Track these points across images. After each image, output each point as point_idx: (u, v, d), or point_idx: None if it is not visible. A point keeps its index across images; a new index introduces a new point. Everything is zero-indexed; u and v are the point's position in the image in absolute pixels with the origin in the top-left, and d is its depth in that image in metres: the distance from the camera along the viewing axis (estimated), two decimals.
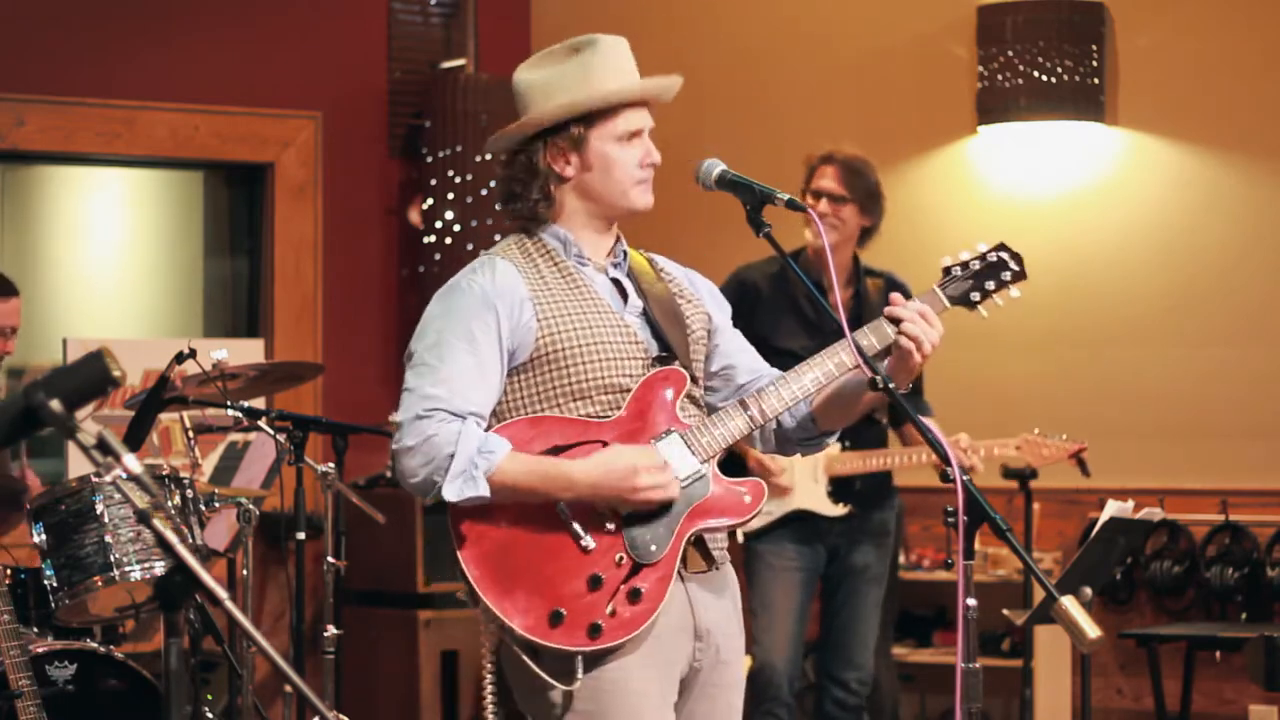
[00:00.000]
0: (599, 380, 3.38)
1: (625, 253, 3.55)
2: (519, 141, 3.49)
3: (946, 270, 3.53)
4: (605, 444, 3.36)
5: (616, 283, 3.51)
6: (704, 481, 3.40)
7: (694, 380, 3.48)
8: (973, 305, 3.53)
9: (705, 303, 3.61)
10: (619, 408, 3.39)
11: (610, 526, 3.35)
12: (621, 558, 3.33)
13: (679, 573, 3.38)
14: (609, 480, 3.30)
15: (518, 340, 3.38)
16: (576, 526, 3.33)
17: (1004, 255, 3.54)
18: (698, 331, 3.54)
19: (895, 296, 3.46)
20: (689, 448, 3.40)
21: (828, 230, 5.70)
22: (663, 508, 3.36)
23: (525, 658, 3.33)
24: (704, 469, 3.41)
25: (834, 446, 5.62)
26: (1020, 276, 3.55)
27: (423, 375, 3.36)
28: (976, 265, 3.53)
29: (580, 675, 3.31)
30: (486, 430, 3.37)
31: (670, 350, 3.46)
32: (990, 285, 3.53)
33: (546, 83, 3.46)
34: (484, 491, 3.27)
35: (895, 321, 3.40)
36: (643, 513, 3.35)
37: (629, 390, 3.40)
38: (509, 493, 3.30)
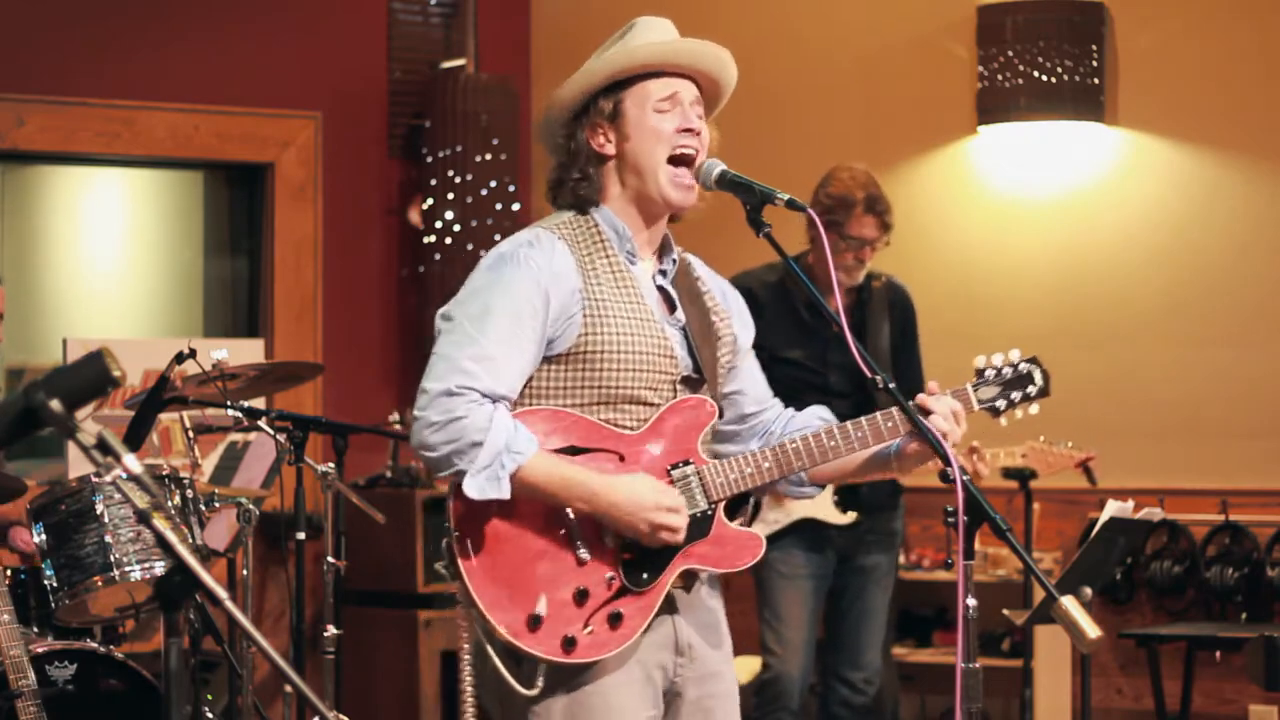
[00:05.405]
0: (628, 390, 3.33)
1: (675, 261, 3.48)
2: (561, 127, 3.43)
3: (979, 372, 3.50)
4: (621, 456, 3.33)
5: (663, 291, 3.45)
6: (706, 522, 3.36)
7: (720, 414, 3.45)
8: (997, 413, 3.51)
9: (734, 322, 3.55)
10: (641, 419, 3.35)
11: (609, 544, 3.31)
12: (612, 579, 3.30)
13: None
14: (629, 507, 3.26)
15: (560, 330, 3.31)
16: (578, 537, 3.29)
17: (1034, 369, 3.52)
18: (726, 356, 3.50)
19: (931, 386, 3.42)
20: (702, 485, 3.37)
21: (859, 268, 5.75)
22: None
23: (491, 650, 3.28)
24: (710, 510, 3.37)
25: None
26: (1043, 394, 3.52)
27: (461, 345, 3.25)
28: (1008, 373, 3.50)
29: (540, 682, 3.27)
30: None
31: (701, 374, 3.42)
32: (1016, 396, 3.50)
33: (587, 67, 3.40)
34: (506, 494, 3.22)
35: (926, 413, 3.36)
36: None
37: (653, 404, 3.36)
38: (526, 491, 3.25)
